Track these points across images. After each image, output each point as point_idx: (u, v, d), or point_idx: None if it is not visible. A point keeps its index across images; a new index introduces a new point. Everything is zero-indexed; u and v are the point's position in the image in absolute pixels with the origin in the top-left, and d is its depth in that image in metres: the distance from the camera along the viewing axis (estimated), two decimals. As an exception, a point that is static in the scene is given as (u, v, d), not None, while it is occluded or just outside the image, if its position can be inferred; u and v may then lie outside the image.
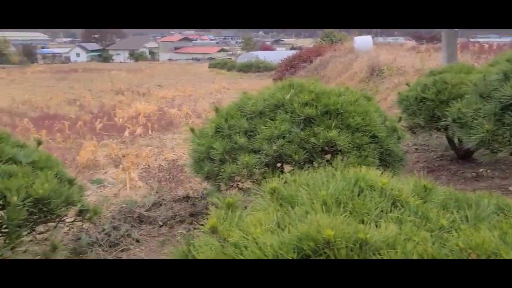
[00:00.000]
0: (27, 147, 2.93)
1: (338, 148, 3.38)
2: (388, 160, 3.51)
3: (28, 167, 2.59)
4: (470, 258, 1.15)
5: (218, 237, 1.37)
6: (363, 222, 1.40)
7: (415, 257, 1.13)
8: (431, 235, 1.29)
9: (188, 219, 4.46)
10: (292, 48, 39.00)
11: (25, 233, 2.41)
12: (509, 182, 4.55)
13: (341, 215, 1.40)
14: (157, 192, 5.54)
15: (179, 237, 4.17)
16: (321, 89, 3.76)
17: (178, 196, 5.15)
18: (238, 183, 3.79)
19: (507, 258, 1.10)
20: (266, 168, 3.57)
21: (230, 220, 1.45)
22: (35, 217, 2.46)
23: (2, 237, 2.38)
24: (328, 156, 3.58)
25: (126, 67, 38.84)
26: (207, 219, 1.47)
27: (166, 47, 63.22)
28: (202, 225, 1.49)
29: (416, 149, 6.53)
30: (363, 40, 18.80)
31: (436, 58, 12.78)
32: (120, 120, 12.36)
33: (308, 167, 3.22)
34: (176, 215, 4.54)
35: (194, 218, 4.48)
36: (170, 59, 55.06)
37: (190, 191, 5.43)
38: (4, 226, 2.28)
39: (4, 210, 2.29)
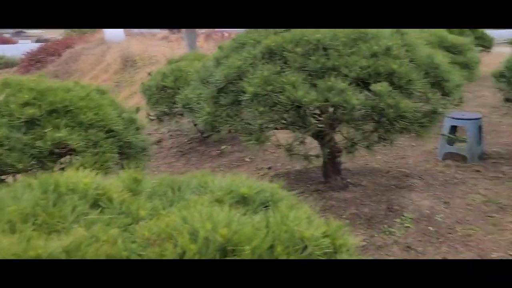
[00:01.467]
0: None
1: (72, 148, 3.13)
2: (129, 153, 3.47)
3: None
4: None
5: None
6: (56, 232, 1.28)
7: (103, 257, 1.08)
8: (124, 229, 1.27)
9: None
10: (39, 41, 34.65)
11: None
12: (245, 154, 5.21)
13: (30, 231, 1.24)
14: None
15: None
16: (46, 86, 3.38)
17: None
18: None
19: (183, 238, 1.16)
20: (-13, 184, 3.02)
21: None
22: None
23: None
24: (66, 159, 3.29)
25: None
26: None
27: None
28: None
29: (171, 135, 6.78)
30: (113, 30, 18.18)
31: (185, 47, 13.51)
32: None
33: (41, 173, 2.88)
34: None
35: None
36: None
37: None
38: None
39: None
